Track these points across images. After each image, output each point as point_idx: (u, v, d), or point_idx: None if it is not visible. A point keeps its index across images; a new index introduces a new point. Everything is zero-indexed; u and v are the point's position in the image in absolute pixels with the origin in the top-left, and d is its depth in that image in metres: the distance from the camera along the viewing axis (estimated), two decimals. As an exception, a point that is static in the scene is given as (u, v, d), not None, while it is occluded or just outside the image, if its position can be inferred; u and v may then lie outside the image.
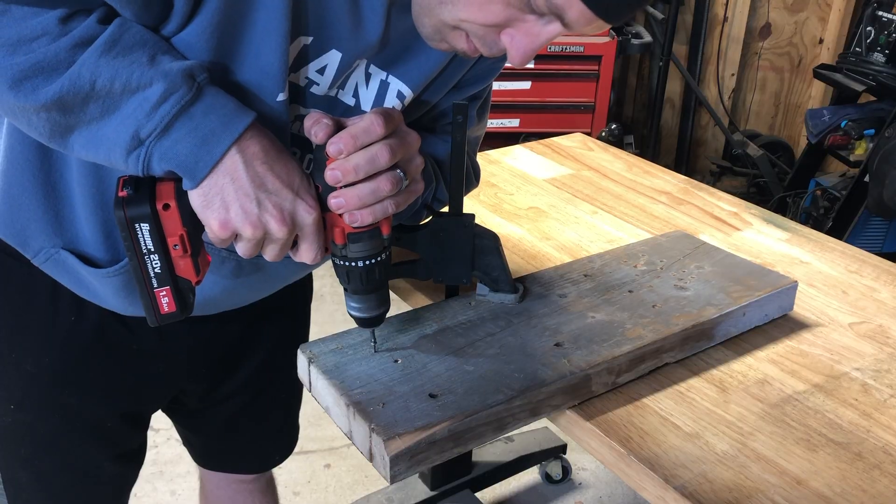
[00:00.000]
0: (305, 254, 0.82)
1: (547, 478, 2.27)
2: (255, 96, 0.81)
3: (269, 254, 0.81)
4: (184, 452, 1.38)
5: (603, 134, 3.31)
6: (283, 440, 1.38)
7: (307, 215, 0.79)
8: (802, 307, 1.15)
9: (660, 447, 0.87)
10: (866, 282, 1.25)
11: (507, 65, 0.94)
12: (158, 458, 2.28)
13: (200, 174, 0.75)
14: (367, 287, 0.87)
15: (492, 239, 1.00)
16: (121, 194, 0.76)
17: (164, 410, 1.25)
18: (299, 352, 0.94)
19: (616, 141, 3.29)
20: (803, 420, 0.92)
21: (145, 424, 1.20)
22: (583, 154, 1.76)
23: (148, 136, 0.73)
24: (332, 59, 0.85)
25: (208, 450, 1.35)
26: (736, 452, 0.86)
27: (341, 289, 0.90)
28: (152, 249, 0.77)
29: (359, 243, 0.83)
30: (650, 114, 3.75)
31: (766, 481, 0.82)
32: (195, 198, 0.77)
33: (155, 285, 0.79)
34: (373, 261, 0.85)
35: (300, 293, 1.26)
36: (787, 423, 0.91)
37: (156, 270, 0.79)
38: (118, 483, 1.22)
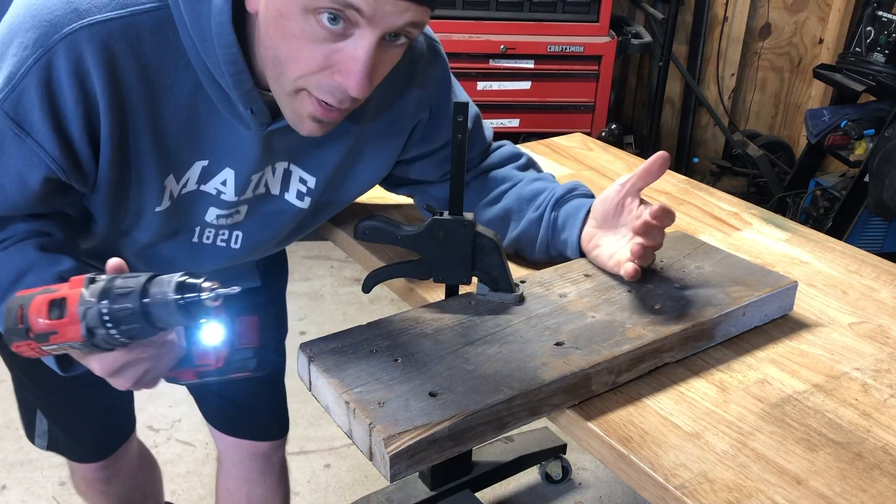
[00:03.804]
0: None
1: (547, 478, 2.27)
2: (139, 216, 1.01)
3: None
4: (184, 452, 1.38)
5: (603, 134, 3.30)
6: (276, 416, 1.50)
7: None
8: (802, 307, 1.15)
9: (660, 447, 0.87)
10: (866, 282, 1.25)
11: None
12: (158, 458, 2.26)
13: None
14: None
15: (492, 238, 1.00)
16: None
17: None
18: (299, 350, 0.94)
19: (616, 141, 3.28)
20: (803, 420, 0.92)
21: None
22: (583, 154, 1.76)
23: None
24: (229, 175, 1.00)
25: (208, 409, 1.47)
26: (736, 452, 0.86)
27: (341, 289, 0.90)
28: None
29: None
30: (650, 114, 3.74)
31: (766, 481, 0.82)
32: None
33: None
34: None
35: (277, 273, 1.38)
36: (787, 422, 0.91)
37: None
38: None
